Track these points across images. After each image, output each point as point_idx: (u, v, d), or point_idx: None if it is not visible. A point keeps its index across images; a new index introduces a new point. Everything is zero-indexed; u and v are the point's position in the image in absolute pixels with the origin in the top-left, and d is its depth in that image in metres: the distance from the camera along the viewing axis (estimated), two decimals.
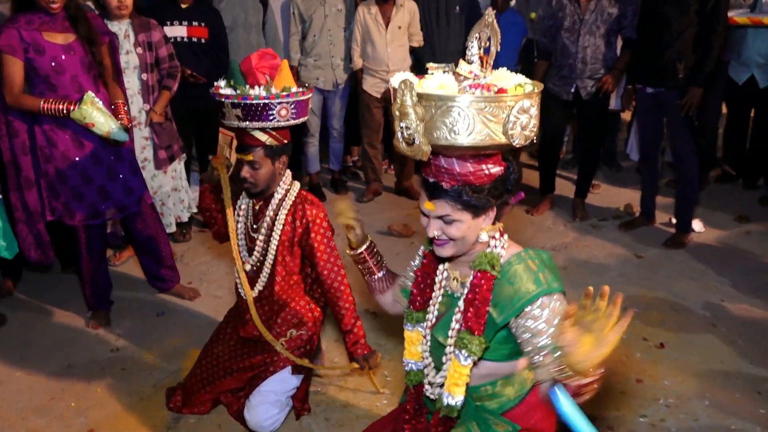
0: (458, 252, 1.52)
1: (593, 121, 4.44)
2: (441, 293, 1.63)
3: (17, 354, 3.06)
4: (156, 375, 2.88)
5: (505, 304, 1.47)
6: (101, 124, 2.80)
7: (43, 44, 2.81)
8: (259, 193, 2.40)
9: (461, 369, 1.50)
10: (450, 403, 1.54)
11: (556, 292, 1.46)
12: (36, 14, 2.82)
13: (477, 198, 1.44)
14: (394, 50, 4.67)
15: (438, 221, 1.48)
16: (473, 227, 1.48)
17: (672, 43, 3.82)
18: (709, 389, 2.75)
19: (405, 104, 1.34)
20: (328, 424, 2.57)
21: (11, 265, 3.55)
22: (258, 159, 2.30)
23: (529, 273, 1.48)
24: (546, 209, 4.74)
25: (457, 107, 1.32)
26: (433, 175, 1.46)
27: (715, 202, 4.80)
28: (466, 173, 1.42)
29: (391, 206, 4.93)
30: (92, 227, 3.11)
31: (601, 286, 1.28)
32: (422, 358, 1.67)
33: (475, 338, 1.48)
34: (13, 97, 2.81)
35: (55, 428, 2.56)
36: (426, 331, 1.64)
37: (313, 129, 4.95)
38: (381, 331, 3.17)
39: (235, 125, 2.26)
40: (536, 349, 1.44)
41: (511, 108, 1.34)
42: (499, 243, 1.54)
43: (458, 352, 1.50)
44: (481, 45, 1.45)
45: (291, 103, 2.23)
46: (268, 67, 2.31)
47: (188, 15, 3.98)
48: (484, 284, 1.49)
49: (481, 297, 1.49)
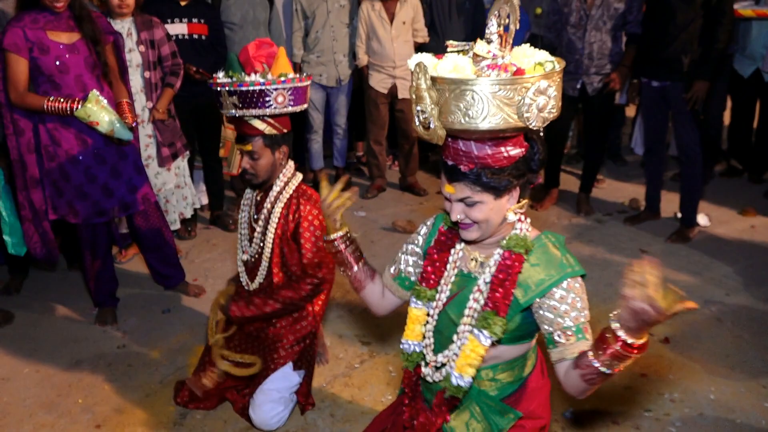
0: (484, 235, 1.50)
1: (599, 116, 4.43)
2: (454, 273, 1.61)
3: (25, 351, 3.08)
4: (162, 371, 2.90)
5: (528, 286, 1.48)
6: (105, 123, 2.81)
7: (48, 43, 2.82)
8: (261, 184, 2.39)
9: (478, 349, 1.49)
10: (459, 384, 1.52)
11: (579, 274, 1.49)
12: (41, 13, 2.83)
13: (497, 180, 1.41)
14: (400, 46, 4.66)
15: (460, 204, 1.47)
16: (496, 208, 1.46)
17: (677, 36, 3.80)
18: (713, 384, 2.75)
19: (420, 87, 1.32)
20: (334, 419, 2.58)
21: (19, 262, 3.58)
22: (257, 149, 2.29)
23: (554, 255, 1.50)
24: (550, 204, 4.74)
25: (471, 90, 1.29)
26: (452, 158, 1.44)
27: (720, 196, 4.78)
28: (485, 156, 1.40)
29: (395, 202, 4.93)
30: (96, 225, 3.13)
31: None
32: (423, 338, 1.64)
33: (499, 319, 1.47)
34: (18, 95, 2.82)
35: (63, 424, 2.58)
36: (434, 310, 1.62)
37: (316, 126, 4.96)
38: (385, 327, 3.17)
39: (232, 114, 2.24)
40: (560, 329, 1.47)
41: (527, 90, 1.29)
42: (524, 226, 1.53)
43: (478, 332, 1.49)
44: (500, 23, 1.39)
45: (288, 89, 2.21)
46: (264, 56, 2.30)
47: (188, 12, 3.99)
48: (516, 266, 1.49)
49: (512, 278, 1.48)
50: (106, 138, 2.94)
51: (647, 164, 4.41)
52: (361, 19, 4.68)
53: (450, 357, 1.57)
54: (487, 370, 1.61)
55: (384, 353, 3.00)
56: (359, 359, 2.96)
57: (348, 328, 3.20)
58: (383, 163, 5.12)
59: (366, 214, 4.66)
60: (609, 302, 3.40)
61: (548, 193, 4.77)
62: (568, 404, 2.58)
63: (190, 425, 2.55)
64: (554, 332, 1.47)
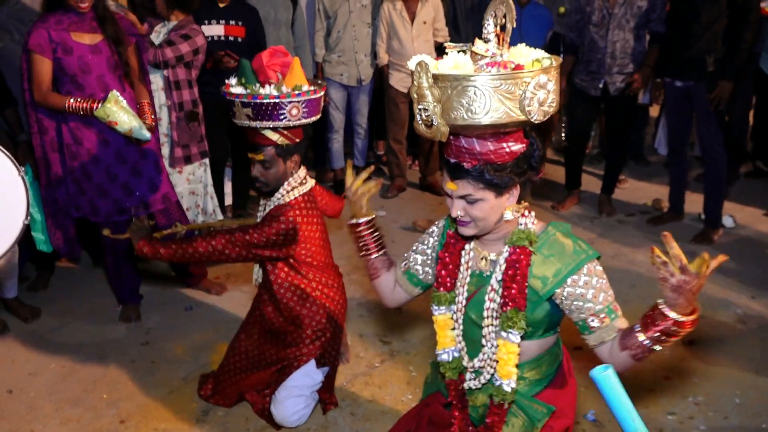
0: (481, 231, 1.53)
1: (621, 116, 4.38)
2: (468, 273, 1.62)
3: (51, 346, 3.14)
4: (185, 368, 2.93)
5: (546, 277, 1.50)
6: (124, 123, 2.85)
7: (71, 44, 2.87)
8: (271, 192, 2.41)
9: (513, 348, 1.52)
10: (511, 388, 1.55)
11: (595, 257, 1.51)
12: (66, 14, 2.88)
13: (499, 176, 1.44)
14: (420, 45, 4.66)
15: (461, 201, 1.48)
16: (496, 206, 1.48)
17: (702, 35, 3.76)
18: (739, 387, 2.71)
19: (421, 86, 1.35)
20: (354, 418, 2.59)
21: (46, 259, 3.64)
22: (269, 158, 2.30)
23: (564, 245, 1.52)
24: (572, 205, 4.71)
25: (473, 86, 1.32)
26: (454, 156, 1.46)
27: (745, 197, 4.71)
28: (487, 152, 1.42)
29: (415, 201, 4.93)
30: (118, 224, 3.17)
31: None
32: (456, 343, 1.65)
33: (521, 314, 1.50)
34: (41, 95, 2.88)
35: (88, 419, 2.63)
36: (457, 314, 1.63)
37: (337, 125, 4.97)
38: (405, 327, 3.18)
39: (245, 124, 2.25)
40: (593, 314, 1.50)
41: (528, 84, 1.33)
42: (528, 220, 1.55)
43: (506, 333, 1.51)
44: (497, 23, 1.44)
45: (302, 102, 2.21)
46: (279, 65, 2.29)
47: (226, 14, 3.99)
48: (523, 259, 1.51)
49: (522, 273, 1.50)
50: (126, 137, 2.99)
51: (671, 165, 4.36)
52: (382, 19, 4.68)
53: (486, 361, 1.59)
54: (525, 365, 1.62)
55: (404, 353, 3.00)
56: (380, 358, 2.96)
57: (368, 327, 3.21)
58: (403, 163, 5.12)
59: (386, 214, 4.67)
60: (632, 303, 3.37)
61: (570, 193, 4.73)
62: (591, 406, 2.57)
63: (212, 421, 2.58)
64: (587, 318, 1.50)
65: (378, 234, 1.83)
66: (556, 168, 5.22)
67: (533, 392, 1.63)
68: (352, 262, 3.74)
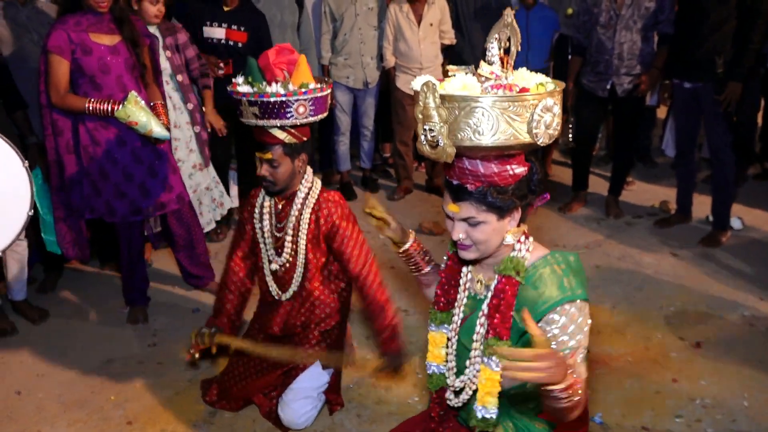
0: (482, 255, 1.52)
1: (628, 118, 4.37)
2: (465, 295, 1.63)
3: (59, 348, 3.15)
4: (191, 370, 2.94)
5: (528, 309, 1.45)
6: (144, 123, 2.88)
7: (91, 45, 2.90)
8: (279, 191, 2.39)
9: (493, 376, 1.49)
10: (485, 416, 1.52)
11: (578, 299, 1.45)
12: (84, 16, 2.92)
13: (502, 199, 1.44)
14: (427, 47, 4.67)
15: (463, 224, 1.48)
16: (498, 230, 1.47)
17: (710, 36, 3.74)
18: (747, 390, 2.70)
19: (428, 106, 1.35)
20: (360, 420, 2.59)
21: (54, 260, 3.66)
22: (277, 157, 2.29)
23: (554, 278, 1.47)
24: (579, 207, 4.69)
25: (481, 107, 1.32)
26: (457, 177, 1.46)
27: (753, 199, 4.69)
28: (491, 174, 1.42)
29: (422, 204, 4.93)
30: (132, 224, 3.19)
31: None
32: (445, 362, 1.65)
33: (503, 343, 1.47)
34: (59, 96, 2.90)
35: (95, 420, 2.64)
36: (452, 333, 1.63)
37: (343, 128, 4.98)
38: (412, 328, 3.17)
39: (252, 123, 2.26)
40: (567, 349, 1.44)
41: (535, 107, 1.33)
42: (524, 246, 1.53)
43: (488, 359, 1.49)
44: (501, 45, 1.45)
45: (309, 99, 2.21)
46: (285, 63, 2.28)
47: (229, 18, 4.00)
48: (508, 290, 1.49)
49: (506, 303, 1.49)
50: (144, 138, 3.01)
51: (678, 166, 4.34)
52: (388, 21, 4.69)
53: (466, 383, 1.58)
54: (516, 389, 1.59)
55: (411, 355, 2.99)
56: None
57: None
58: (410, 165, 5.12)
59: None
60: (639, 306, 3.36)
61: (576, 195, 4.72)
62: (598, 409, 2.56)
63: (220, 423, 2.59)
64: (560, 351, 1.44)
65: (424, 250, 1.84)
66: (563, 170, 5.21)
67: (538, 410, 1.61)
68: None
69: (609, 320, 3.23)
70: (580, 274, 1.50)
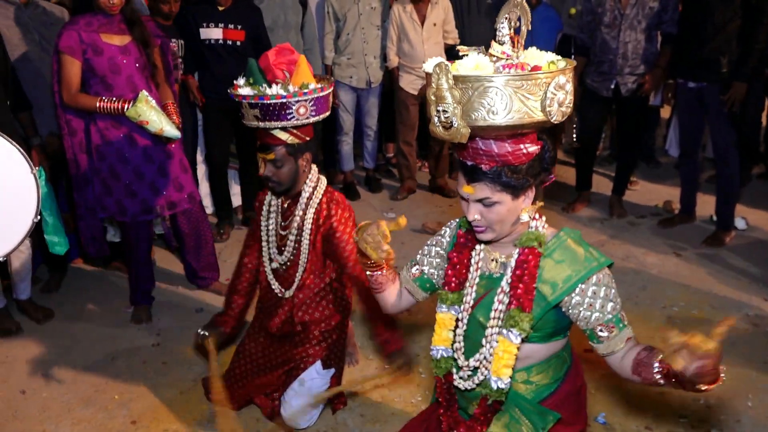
0: (498, 236, 1.52)
1: (632, 117, 4.36)
2: (477, 275, 1.61)
3: (64, 347, 3.16)
4: (195, 369, 2.95)
5: (555, 282, 1.49)
6: (155, 122, 2.90)
7: (101, 45, 2.92)
8: (284, 191, 2.39)
9: (511, 348, 1.50)
10: (500, 387, 1.53)
11: (606, 265, 1.50)
12: (95, 16, 2.94)
13: (516, 178, 1.44)
14: (431, 47, 4.67)
15: (477, 205, 1.48)
16: (513, 209, 1.48)
17: (715, 36, 3.73)
18: (751, 390, 2.69)
19: (441, 87, 1.34)
20: (363, 419, 2.59)
21: (58, 261, 3.68)
22: (280, 157, 2.28)
23: (576, 251, 1.50)
24: (582, 207, 4.69)
25: (495, 87, 1.32)
26: (471, 158, 1.45)
27: (757, 199, 4.67)
28: (505, 153, 1.42)
29: (425, 204, 4.93)
30: (141, 224, 3.21)
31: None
32: (452, 344, 1.64)
33: (525, 315, 1.48)
34: (71, 96, 2.93)
35: (100, 419, 2.64)
36: (463, 314, 1.62)
37: (347, 127, 4.98)
38: (414, 329, 3.18)
39: (254, 125, 2.26)
40: (601, 323, 1.48)
41: (548, 85, 1.34)
42: (539, 223, 1.54)
43: (507, 331, 1.50)
44: (511, 25, 1.45)
45: (309, 100, 2.20)
46: (285, 63, 2.27)
47: (225, 17, 4.00)
48: (531, 260, 1.50)
49: (529, 273, 1.49)
50: (155, 137, 3.02)
51: (682, 166, 4.34)
52: (392, 21, 4.69)
53: (481, 361, 1.57)
54: (521, 372, 1.60)
55: (413, 355, 3.00)
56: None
57: None
58: (413, 165, 5.12)
59: (395, 216, 4.66)
60: (642, 306, 3.35)
61: (580, 195, 4.71)
62: (602, 409, 2.56)
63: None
64: (596, 328, 1.49)
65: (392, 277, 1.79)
66: (567, 169, 5.20)
67: (540, 398, 1.61)
68: None
69: None
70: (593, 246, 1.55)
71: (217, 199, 4.44)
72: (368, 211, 4.83)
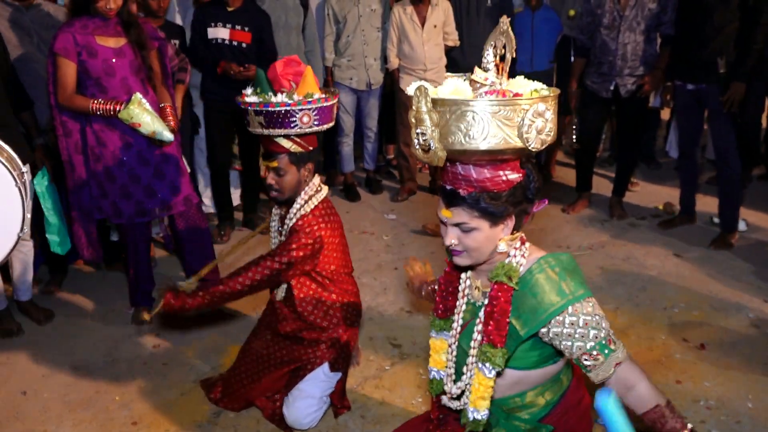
0: (475, 262, 1.51)
1: (632, 119, 4.37)
2: (464, 302, 1.62)
3: (64, 348, 3.16)
4: (196, 370, 2.95)
5: (528, 316, 1.46)
6: (147, 124, 2.90)
7: (96, 47, 2.92)
8: (286, 200, 2.43)
9: (486, 382, 1.50)
10: (476, 418, 1.53)
11: (581, 299, 1.45)
12: (91, 19, 2.95)
13: (495, 205, 1.43)
14: (431, 49, 4.68)
15: (455, 229, 1.48)
16: (491, 236, 1.46)
17: (713, 38, 3.74)
18: (751, 391, 2.69)
19: (420, 110, 1.35)
20: (364, 421, 2.59)
21: (59, 261, 3.68)
22: (283, 166, 2.32)
23: (552, 283, 1.46)
24: (583, 208, 4.69)
25: (471, 111, 1.32)
26: (450, 182, 1.45)
27: (757, 200, 4.68)
28: (483, 179, 1.41)
29: (425, 205, 4.94)
30: (138, 226, 3.21)
31: None
32: (446, 367, 1.66)
33: (498, 351, 1.47)
34: (66, 97, 2.93)
35: (101, 420, 2.65)
36: (451, 339, 1.63)
37: (347, 129, 4.99)
38: (414, 329, 3.18)
39: (258, 132, 2.28)
40: (585, 352, 1.45)
41: (526, 111, 1.33)
42: (519, 252, 1.51)
43: (482, 365, 1.49)
44: (496, 53, 1.45)
45: (313, 109, 2.23)
46: (292, 74, 2.32)
47: (233, 18, 4.01)
48: (501, 296, 1.48)
49: (500, 309, 1.47)
50: (149, 139, 3.02)
51: (682, 168, 4.34)
52: (392, 23, 4.70)
53: (462, 388, 1.58)
54: (516, 398, 1.60)
55: (415, 355, 3.00)
56: (390, 361, 2.97)
57: (379, 330, 3.22)
58: (414, 166, 5.13)
59: (396, 217, 4.68)
60: (642, 307, 3.36)
61: (580, 196, 4.72)
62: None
63: (224, 423, 2.59)
64: (580, 357, 1.46)
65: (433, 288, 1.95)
66: (567, 171, 5.21)
67: (538, 417, 1.61)
68: (362, 266, 3.74)
69: (612, 321, 3.22)
70: (576, 273, 1.49)
71: (218, 201, 4.45)
72: (368, 212, 4.83)
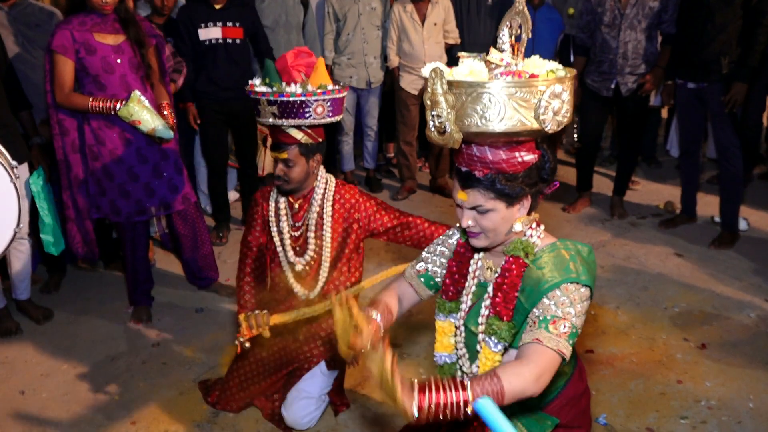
0: (492, 243, 1.51)
1: (633, 117, 4.36)
2: (474, 283, 1.61)
3: (63, 347, 3.16)
4: (195, 370, 2.94)
5: (531, 289, 1.46)
6: (147, 122, 2.88)
7: (94, 44, 2.91)
8: (291, 190, 2.40)
9: (492, 356, 1.49)
10: None
11: (582, 283, 1.43)
12: (89, 16, 2.93)
13: (510, 186, 1.42)
14: (431, 47, 4.67)
15: (471, 212, 1.47)
16: (507, 217, 1.46)
17: (715, 37, 3.73)
18: (752, 391, 2.68)
19: (436, 92, 1.35)
20: (364, 420, 2.59)
21: (57, 261, 3.67)
22: (292, 157, 2.31)
23: (560, 261, 1.46)
24: (583, 207, 4.68)
25: (488, 93, 1.32)
26: (466, 164, 1.45)
27: (758, 199, 4.67)
28: (499, 161, 1.41)
29: (425, 204, 4.93)
30: (137, 224, 3.20)
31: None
32: (455, 350, 1.64)
33: (504, 324, 1.46)
34: (64, 95, 2.91)
35: (99, 420, 2.64)
36: (459, 322, 1.62)
37: (347, 127, 4.98)
38: (415, 329, 3.17)
39: (270, 122, 2.27)
40: (532, 318, 1.42)
41: (543, 93, 1.33)
42: (535, 233, 1.52)
43: (488, 338, 1.49)
44: (512, 33, 1.45)
45: (327, 100, 2.24)
46: (303, 65, 2.32)
47: (222, 16, 3.99)
48: (514, 269, 1.48)
49: (510, 282, 1.47)
50: (148, 137, 3.01)
51: (683, 167, 4.33)
52: (392, 21, 4.69)
53: (479, 366, 1.56)
54: None
55: (415, 355, 2.99)
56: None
57: None
58: (413, 165, 5.12)
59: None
60: (644, 307, 3.35)
61: (581, 195, 4.71)
62: (603, 410, 2.55)
63: (223, 423, 2.59)
64: (544, 313, 1.41)
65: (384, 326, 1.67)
66: (568, 169, 5.20)
67: (543, 402, 1.60)
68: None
69: (614, 321, 3.22)
70: (590, 265, 1.48)
71: (216, 203, 4.41)
72: None
